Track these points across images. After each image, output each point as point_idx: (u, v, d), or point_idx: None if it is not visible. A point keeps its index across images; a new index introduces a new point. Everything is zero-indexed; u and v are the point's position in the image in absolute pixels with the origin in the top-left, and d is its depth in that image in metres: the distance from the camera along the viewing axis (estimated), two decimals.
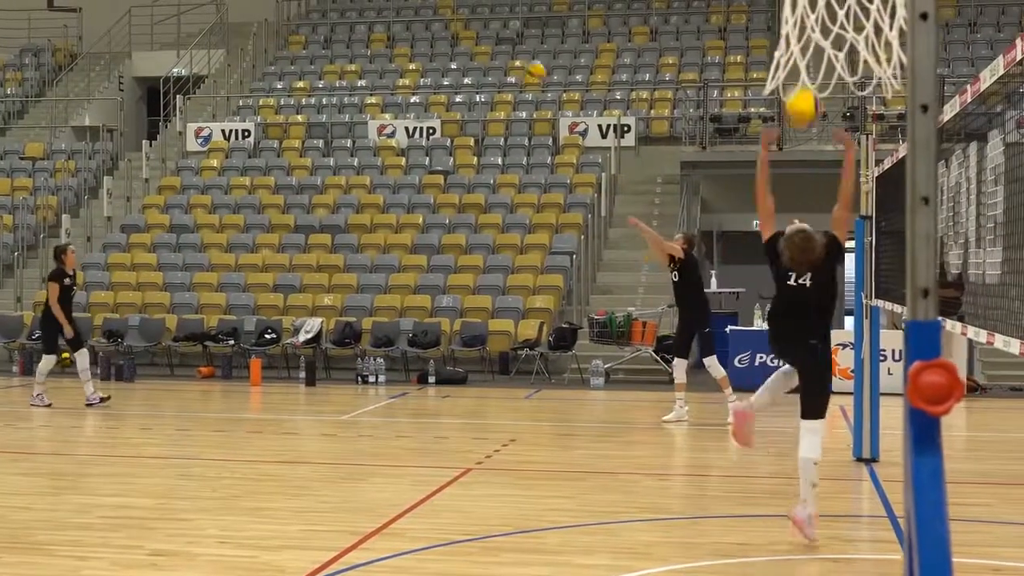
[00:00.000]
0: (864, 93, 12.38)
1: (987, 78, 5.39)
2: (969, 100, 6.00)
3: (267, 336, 21.37)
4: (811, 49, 3.15)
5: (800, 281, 8.49)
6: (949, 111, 6.82)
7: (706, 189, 25.79)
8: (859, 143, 12.38)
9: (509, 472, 11.66)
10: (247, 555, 8.17)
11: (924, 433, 2.30)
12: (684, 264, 14.98)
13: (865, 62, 3.40)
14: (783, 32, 3.21)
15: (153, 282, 23.36)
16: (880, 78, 3.23)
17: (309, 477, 11.37)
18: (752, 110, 26.45)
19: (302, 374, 20.08)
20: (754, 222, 25.86)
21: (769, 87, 3.32)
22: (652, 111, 27.57)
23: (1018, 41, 4.73)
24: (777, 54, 3.27)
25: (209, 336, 21.66)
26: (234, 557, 8.13)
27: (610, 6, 32.14)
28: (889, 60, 3.08)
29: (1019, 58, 4.70)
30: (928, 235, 2.47)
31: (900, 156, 10.27)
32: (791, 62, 3.18)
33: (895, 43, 2.97)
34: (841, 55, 3.29)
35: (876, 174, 11.75)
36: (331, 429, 15.19)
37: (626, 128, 26.35)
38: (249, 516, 9.44)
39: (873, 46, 3.17)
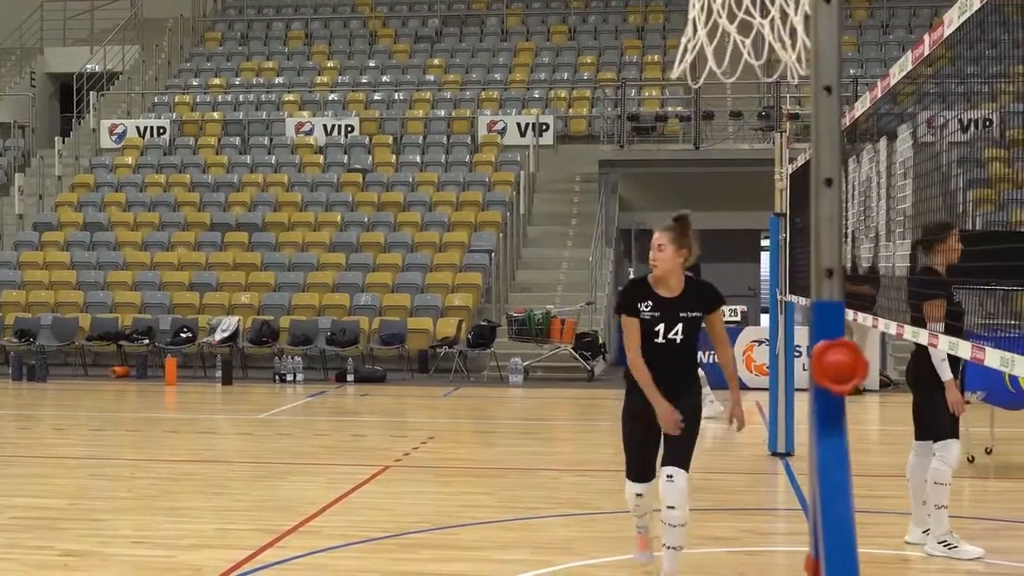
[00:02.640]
0: (771, 79, 12.49)
1: (896, 74, 5.48)
2: (880, 95, 6.10)
3: (183, 335, 21.13)
4: (718, 34, 3.18)
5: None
6: (860, 107, 6.93)
7: (624, 187, 25.94)
8: (774, 141, 12.54)
9: (428, 469, 11.64)
10: (162, 554, 8.08)
11: (829, 413, 2.33)
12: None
13: (771, 47, 3.43)
14: (690, 16, 3.23)
15: (66, 281, 23.01)
16: (785, 63, 3.27)
17: (226, 476, 11.28)
18: (670, 109, 26.65)
19: (218, 373, 19.90)
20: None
21: (676, 71, 3.35)
22: (570, 110, 27.65)
23: (926, 36, 4.81)
24: (684, 39, 3.30)
25: (124, 335, 21.38)
26: (148, 557, 8.03)
27: (528, 5, 32.19)
28: (794, 45, 3.12)
29: (926, 53, 4.79)
30: (832, 217, 2.51)
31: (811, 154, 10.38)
32: (698, 47, 3.20)
33: (800, 28, 3.01)
34: (748, 41, 3.32)
35: (790, 172, 11.89)
36: (248, 428, 15.06)
37: (544, 127, 26.41)
38: (164, 516, 9.32)
39: (779, 32, 3.20)
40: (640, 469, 7.12)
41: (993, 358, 4.07)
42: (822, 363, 2.21)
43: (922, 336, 5.33)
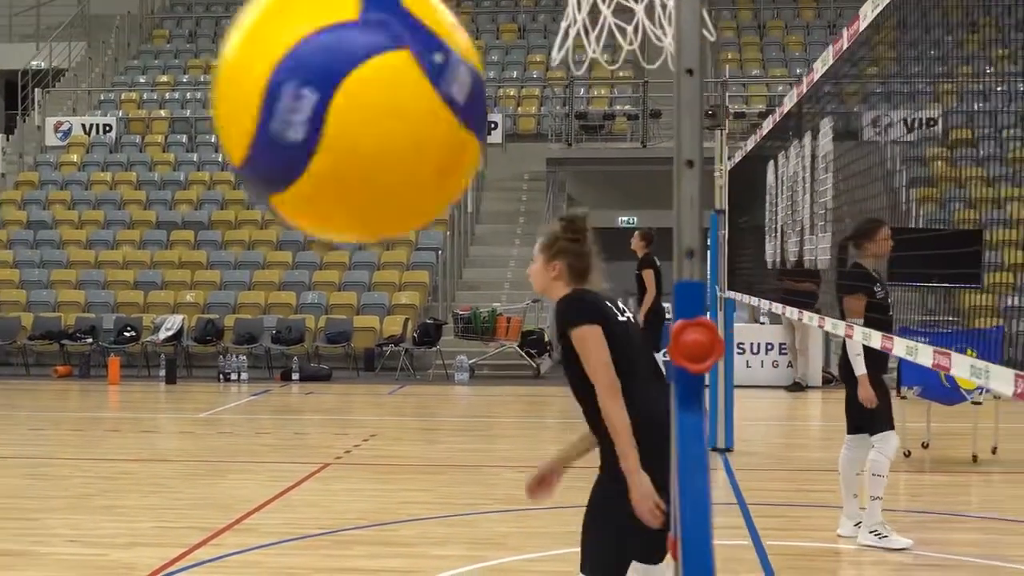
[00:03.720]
0: (653, 66, 12.50)
1: (819, 69, 5.53)
2: (805, 90, 6.14)
3: (127, 334, 20.96)
4: (601, 20, 3.19)
5: (624, 314, 4.89)
6: (788, 102, 6.97)
7: (572, 186, 25.99)
8: (715, 138, 12.62)
9: (368, 467, 11.61)
10: (96, 553, 8.03)
11: (687, 391, 2.35)
12: (644, 261, 14.98)
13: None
14: (571, 2, 3.25)
15: (9, 279, 22.77)
16: (664, 50, 3.28)
17: (164, 475, 11.20)
18: (618, 107, 26.74)
19: (162, 372, 19.76)
20: (619, 219, 26.30)
21: (557, 57, 3.36)
22: (519, 108, 27.68)
23: (844, 31, 4.85)
24: (564, 24, 3.31)
25: (67, 334, 21.18)
26: (82, 555, 7.98)
27: (478, 3, 32.19)
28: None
29: (845, 47, 4.83)
30: (692, 198, 2.53)
31: (748, 150, 10.45)
32: (578, 31, 3.22)
33: (676, 14, 3.04)
34: (629, 28, 3.34)
35: (729, 168, 11.95)
36: (190, 427, 14.97)
37: (493, 125, 26.38)
38: (101, 514, 9.27)
39: (659, 18, 3.23)
40: None
41: (900, 348, 4.11)
42: (680, 342, 2.23)
43: (840, 328, 5.38)
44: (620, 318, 4.79)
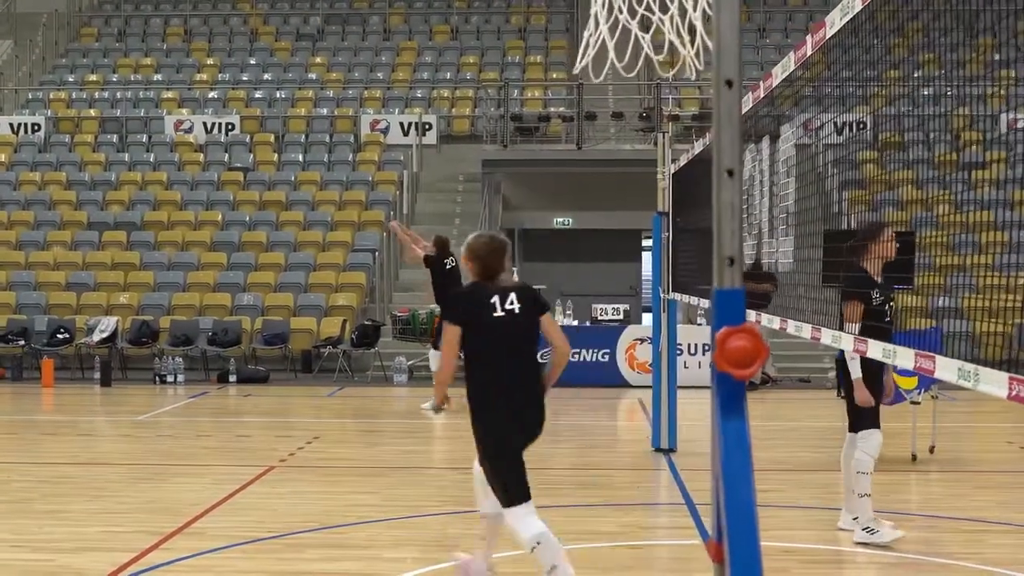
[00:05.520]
0: (669, 74, 12.70)
1: (778, 74, 5.60)
2: (762, 95, 6.22)
3: (59, 336, 20.70)
4: (619, 29, 3.24)
5: (508, 306, 6.30)
6: (744, 106, 7.04)
7: (507, 187, 26.06)
8: (655, 142, 12.71)
9: (313, 469, 11.57)
10: (43, 558, 7.95)
11: (730, 397, 2.38)
12: (428, 263, 16.22)
13: (671, 43, 3.50)
14: (592, 11, 3.29)
15: None
16: (684, 58, 3.33)
17: (107, 478, 11.09)
18: (552, 109, 26.83)
19: (97, 375, 19.54)
20: (555, 220, 26.42)
21: (579, 66, 3.40)
22: (453, 109, 27.69)
23: (808, 37, 4.92)
24: (586, 34, 3.35)
25: None
26: (29, 561, 7.90)
27: (411, 4, 32.14)
28: (693, 41, 3.19)
29: (809, 53, 4.91)
30: (733, 205, 2.57)
31: (694, 154, 10.54)
32: (600, 41, 3.26)
33: (699, 24, 3.08)
34: (647, 36, 3.39)
35: (672, 171, 12.05)
36: (129, 430, 14.82)
37: (428, 126, 26.40)
38: (44, 519, 9.16)
39: (678, 28, 3.27)
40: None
41: (875, 350, 4.19)
42: (725, 349, 2.26)
43: (804, 330, 5.46)
44: (496, 313, 6.25)
